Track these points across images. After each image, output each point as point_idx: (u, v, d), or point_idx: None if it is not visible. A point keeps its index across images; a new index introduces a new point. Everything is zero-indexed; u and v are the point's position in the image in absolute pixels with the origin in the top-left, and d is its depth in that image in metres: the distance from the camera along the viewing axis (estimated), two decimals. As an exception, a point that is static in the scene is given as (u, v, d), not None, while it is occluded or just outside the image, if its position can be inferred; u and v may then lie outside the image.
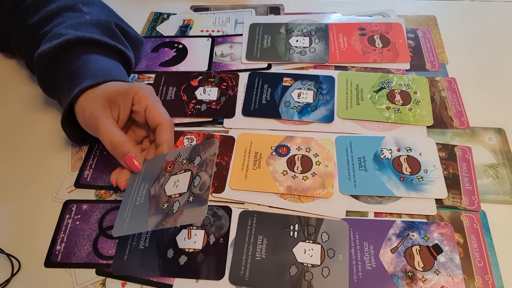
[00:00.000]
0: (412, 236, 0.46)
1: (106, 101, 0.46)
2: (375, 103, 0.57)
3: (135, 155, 0.45)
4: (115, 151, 0.45)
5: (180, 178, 0.41)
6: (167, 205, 0.40)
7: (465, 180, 0.50)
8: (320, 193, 0.49)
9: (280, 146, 0.53)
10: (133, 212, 0.42)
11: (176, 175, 0.42)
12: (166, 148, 0.45)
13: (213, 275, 0.44)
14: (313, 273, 0.44)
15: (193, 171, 0.41)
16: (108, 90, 0.47)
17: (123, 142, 0.45)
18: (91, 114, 0.45)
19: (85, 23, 0.54)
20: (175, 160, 0.43)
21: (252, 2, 0.75)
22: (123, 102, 0.47)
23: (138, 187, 0.44)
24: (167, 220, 0.39)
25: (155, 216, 0.40)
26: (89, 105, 0.46)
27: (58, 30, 0.52)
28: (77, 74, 0.49)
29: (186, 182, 0.41)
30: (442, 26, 0.68)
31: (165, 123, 0.46)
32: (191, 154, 0.43)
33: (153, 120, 0.46)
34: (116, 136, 0.45)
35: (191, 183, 0.40)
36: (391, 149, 0.52)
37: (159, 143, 0.45)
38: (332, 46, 0.64)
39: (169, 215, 0.39)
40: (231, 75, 0.62)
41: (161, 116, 0.46)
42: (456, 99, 0.58)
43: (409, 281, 0.43)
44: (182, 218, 0.38)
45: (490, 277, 0.43)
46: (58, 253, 0.46)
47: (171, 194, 0.41)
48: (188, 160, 0.42)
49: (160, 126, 0.46)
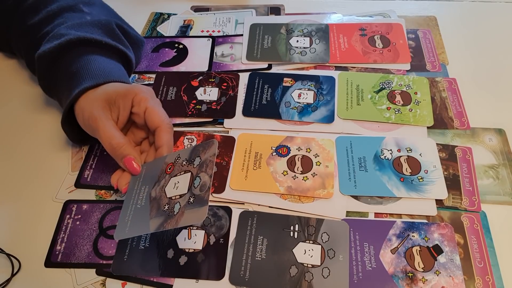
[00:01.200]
0: (412, 237, 0.46)
1: (105, 102, 0.46)
2: (376, 103, 0.57)
3: (134, 157, 0.45)
4: (115, 153, 0.45)
5: (180, 179, 0.41)
6: (168, 206, 0.40)
7: (465, 180, 0.50)
8: (320, 193, 0.49)
9: (281, 147, 0.53)
10: (134, 215, 0.42)
11: (176, 177, 0.42)
12: (166, 150, 0.45)
13: (213, 276, 0.44)
14: (313, 273, 0.44)
15: (193, 172, 0.41)
16: (108, 91, 0.47)
17: (122, 144, 0.45)
18: (90, 115, 0.45)
19: (86, 23, 0.54)
20: (175, 162, 0.43)
21: (252, 2, 0.75)
22: (122, 103, 0.47)
23: (138, 190, 0.44)
24: (168, 222, 0.39)
25: (156, 219, 0.40)
26: (89, 106, 0.46)
27: (59, 30, 0.52)
28: (77, 74, 0.49)
29: (186, 183, 0.41)
30: (443, 26, 0.68)
31: (164, 125, 0.46)
32: (190, 155, 0.43)
33: (152, 122, 0.46)
34: (115, 138, 0.45)
35: (191, 184, 0.41)
36: (392, 150, 0.52)
37: (159, 145, 0.45)
38: (332, 46, 0.64)
39: (170, 216, 0.39)
40: (231, 75, 0.62)
41: (161, 118, 0.46)
42: (456, 99, 0.58)
43: (409, 281, 0.43)
44: (183, 219, 0.38)
45: (490, 277, 0.43)
46: (58, 253, 0.46)
47: (171, 196, 0.41)
48: (188, 161, 0.43)
49: (160, 128, 0.46)
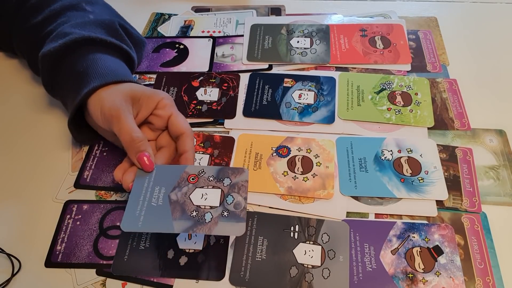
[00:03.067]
0: (412, 238, 0.46)
1: (130, 97, 0.47)
2: (376, 104, 0.57)
3: (150, 154, 0.45)
4: (132, 146, 0.44)
5: (209, 192, 0.43)
6: (197, 214, 0.42)
7: (465, 181, 0.50)
8: (321, 194, 0.49)
9: (281, 147, 0.53)
10: (148, 211, 0.42)
11: (203, 189, 0.43)
12: (191, 155, 0.46)
13: (213, 276, 0.44)
14: (313, 274, 0.44)
15: (223, 190, 0.43)
16: (134, 88, 0.48)
17: (142, 138, 0.45)
18: (112, 105, 0.45)
19: (89, 22, 0.54)
20: (199, 175, 0.45)
21: (253, 3, 0.75)
22: (146, 103, 0.48)
23: (151, 189, 0.44)
24: (199, 227, 0.41)
25: (182, 221, 0.41)
26: (111, 97, 0.46)
27: (62, 29, 0.52)
28: (85, 73, 0.49)
29: (217, 198, 0.43)
30: (443, 27, 0.68)
31: (189, 132, 0.47)
32: (218, 174, 0.45)
33: (177, 128, 0.47)
34: (137, 131, 0.45)
35: (223, 200, 0.42)
36: (392, 150, 0.52)
37: (185, 151, 0.46)
38: (333, 47, 0.64)
39: (200, 223, 0.41)
40: (232, 76, 0.62)
41: (186, 125, 0.47)
42: (457, 100, 0.58)
43: (410, 282, 0.43)
44: (218, 228, 0.41)
45: (490, 278, 0.43)
46: (59, 253, 0.46)
47: (199, 205, 0.42)
48: (216, 179, 0.44)
49: (185, 134, 0.47)
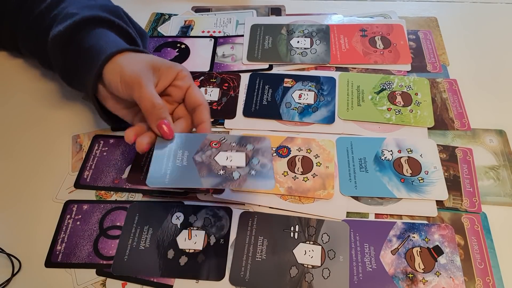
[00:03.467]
0: (412, 238, 0.46)
1: (150, 66, 0.47)
2: (376, 104, 0.57)
3: (170, 122, 0.45)
4: (153, 113, 0.44)
5: (234, 155, 0.45)
6: (224, 172, 0.43)
7: (466, 181, 0.50)
8: (321, 194, 0.49)
9: (281, 147, 0.53)
10: (173, 170, 0.43)
11: (227, 152, 0.45)
12: (208, 125, 0.47)
13: (213, 276, 0.44)
14: (313, 274, 0.44)
15: (248, 154, 0.45)
16: (154, 58, 0.48)
17: (162, 105, 0.45)
18: (133, 72, 0.45)
19: (95, 6, 0.54)
20: (221, 141, 0.46)
21: (253, 3, 0.75)
22: (165, 73, 0.48)
23: (174, 152, 0.45)
24: (228, 183, 0.42)
25: (211, 178, 0.42)
26: (132, 64, 0.46)
27: (68, 11, 0.52)
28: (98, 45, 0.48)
29: (242, 160, 0.44)
30: (443, 27, 0.68)
31: (205, 104, 0.48)
32: (240, 141, 0.46)
33: (195, 99, 0.48)
34: (158, 98, 0.45)
35: (249, 162, 0.44)
36: (392, 151, 0.52)
37: (202, 121, 0.47)
38: (333, 47, 0.64)
39: (229, 179, 0.43)
40: (232, 76, 0.62)
41: (203, 97, 0.48)
42: (457, 100, 0.58)
43: (410, 282, 0.43)
44: (247, 183, 0.42)
45: (490, 278, 0.43)
46: (59, 253, 0.46)
47: (225, 165, 0.44)
48: (239, 144, 0.46)
49: (202, 105, 0.48)
